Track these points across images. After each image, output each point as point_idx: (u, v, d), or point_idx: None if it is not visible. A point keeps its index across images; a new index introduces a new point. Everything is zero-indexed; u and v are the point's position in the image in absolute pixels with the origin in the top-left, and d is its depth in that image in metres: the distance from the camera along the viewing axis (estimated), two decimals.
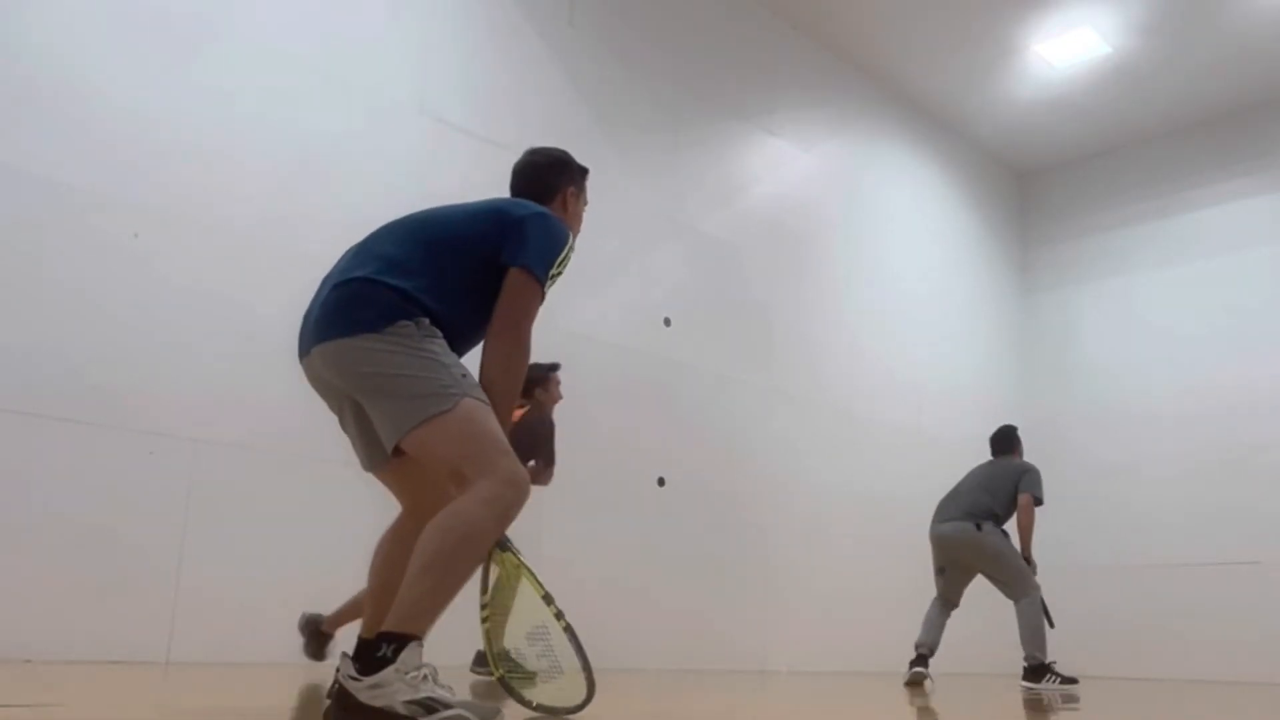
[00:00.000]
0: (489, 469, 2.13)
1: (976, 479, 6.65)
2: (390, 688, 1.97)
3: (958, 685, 6.34)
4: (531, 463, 5.13)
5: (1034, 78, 9.42)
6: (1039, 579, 6.60)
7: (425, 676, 2.00)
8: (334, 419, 2.46)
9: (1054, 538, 10.10)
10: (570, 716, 2.41)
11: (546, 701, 2.48)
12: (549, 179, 2.75)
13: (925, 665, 6.16)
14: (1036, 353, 10.74)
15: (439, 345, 2.23)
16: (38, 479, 4.59)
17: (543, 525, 6.28)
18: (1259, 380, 9.17)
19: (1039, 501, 6.54)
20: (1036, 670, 6.32)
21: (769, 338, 8.11)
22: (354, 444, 2.40)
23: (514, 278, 2.33)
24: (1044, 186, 11.13)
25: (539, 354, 2.83)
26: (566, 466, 6.48)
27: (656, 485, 7.03)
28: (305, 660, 4.60)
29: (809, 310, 8.54)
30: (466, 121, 6.34)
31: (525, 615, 2.45)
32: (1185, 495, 9.29)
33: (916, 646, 6.24)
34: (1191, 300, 9.75)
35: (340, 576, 5.16)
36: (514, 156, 2.96)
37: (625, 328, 7.03)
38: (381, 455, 2.32)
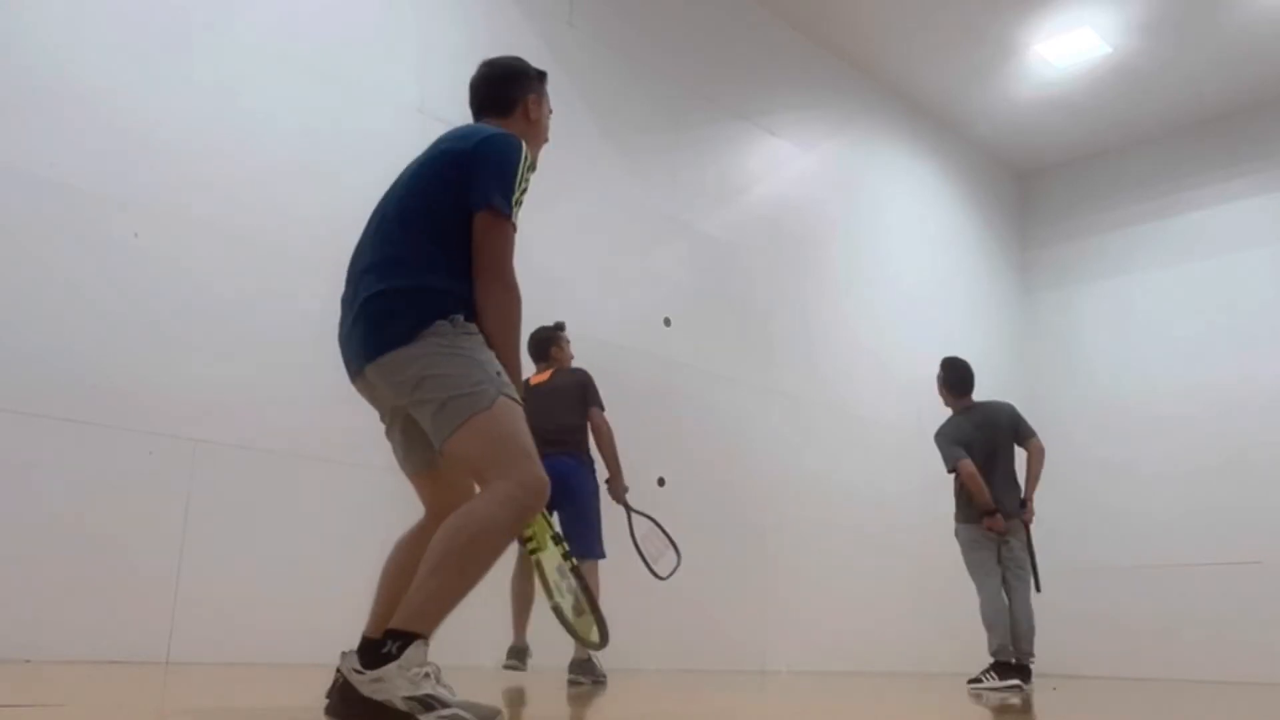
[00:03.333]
0: (508, 471, 2.14)
1: (994, 447, 6.25)
2: (391, 683, 1.98)
3: (954, 685, 6.33)
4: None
5: (1034, 78, 9.42)
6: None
7: (427, 675, 2.00)
8: (333, 417, 2.47)
9: (1054, 538, 10.11)
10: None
11: (583, 634, 2.56)
12: (508, 91, 2.67)
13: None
14: (1036, 353, 10.74)
15: (474, 341, 2.23)
16: (38, 479, 4.59)
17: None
18: (1259, 380, 9.17)
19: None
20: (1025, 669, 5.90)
21: (769, 338, 8.10)
22: (395, 449, 2.42)
23: (480, 221, 2.30)
24: (1044, 186, 11.13)
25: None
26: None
27: (656, 485, 7.02)
28: (305, 660, 4.60)
29: (809, 310, 8.53)
30: (465, 121, 6.32)
31: (552, 550, 2.51)
32: (1185, 495, 9.29)
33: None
34: (1191, 300, 9.75)
35: (340, 576, 5.16)
36: None
37: (625, 328, 7.03)
38: (422, 460, 2.35)
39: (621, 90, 7.38)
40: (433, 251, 2.29)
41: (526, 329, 3.00)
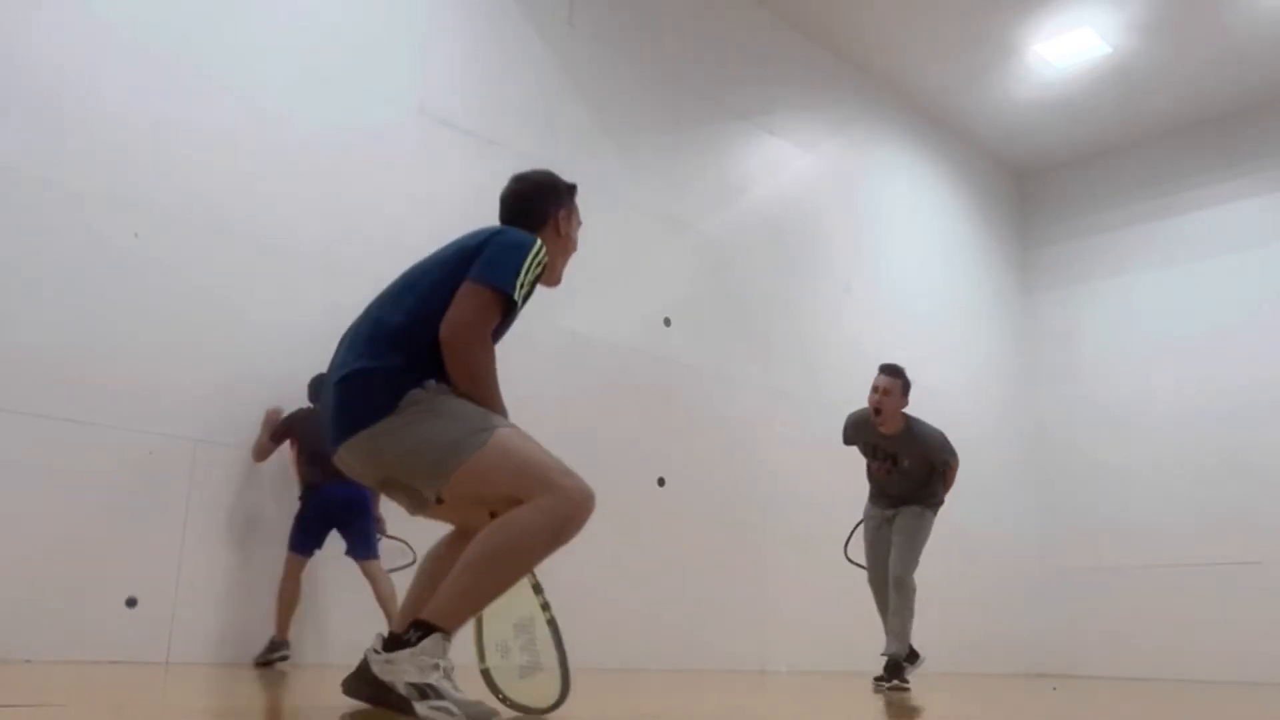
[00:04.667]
0: (547, 487, 2.17)
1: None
2: (400, 667, 2.04)
3: (953, 685, 6.34)
4: None
5: (1034, 78, 9.42)
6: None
7: (437, 666, 2.04)
8: None
9: (1054, 538, 10.13)
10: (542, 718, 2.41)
11: (521, 700, 2.49)
12: (538, 206, 2.66)
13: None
14: (1036, 352, 10.74)
15: (454, 399, 2.25)
16: (38, 479, 4.59)
17: None
18: (1259, 380, 9.17)
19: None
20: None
21: (769, 338, 8.10)
22: (400, 503, 2.45)
23: (467, 288, 2.31)
24: (1044, 186, 11.13)
25: (541, 352, 2.83)
26: (567, 465, 6.48)
27: (656, 485, 7.03)
28: (306, 661, 4.60)
29: (809, 310, 8.53)
30: (466, 121, 6.34)
31: (515, 604, 2.46)
32: (1186, 495, 9.29)
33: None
34: (1191, 300, 9.75)
35: (341, 577, 5.17)
36: (514, 156, 2.97)
37: (625, 328, 7.03)
38: (422, 502, 2.37)
39: (621, 90, 7.38)
40: (418, 335, 2.29)
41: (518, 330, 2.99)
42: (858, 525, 6.04)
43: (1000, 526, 9.86)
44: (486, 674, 2.48)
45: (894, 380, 5.64)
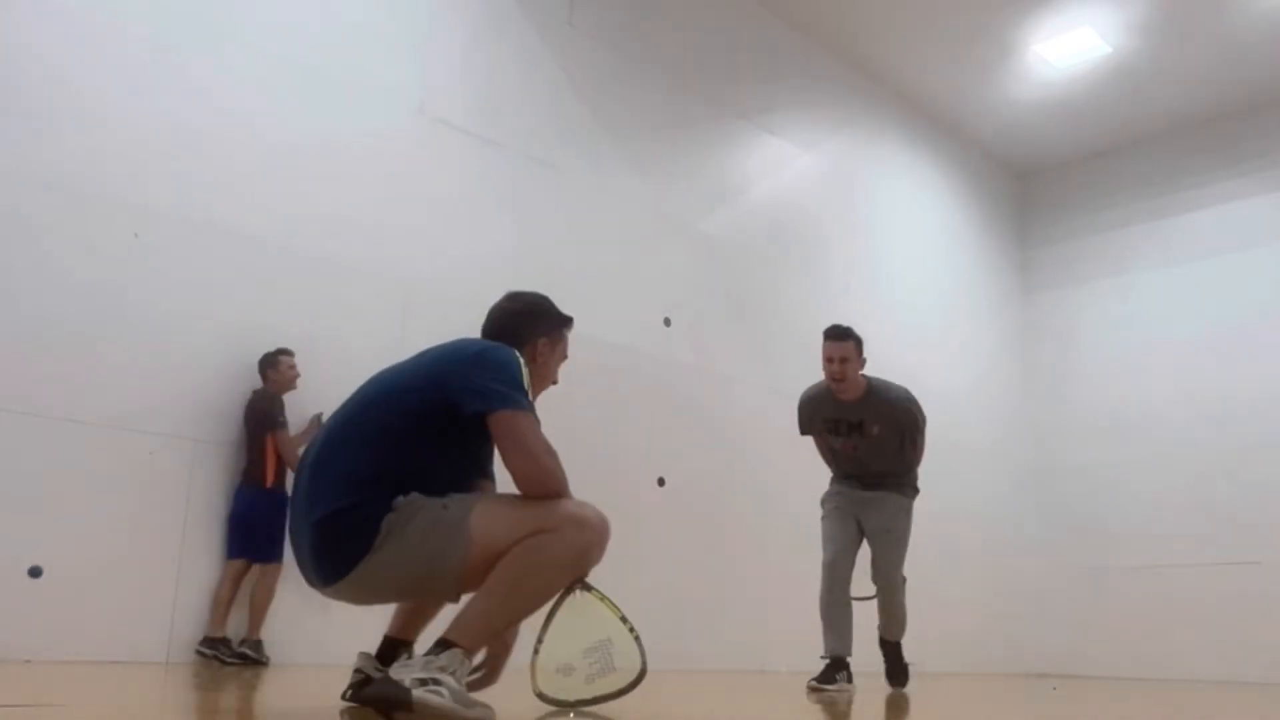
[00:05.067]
0: (559, 520, 2.18)
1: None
2: (414, 668, 2.06)
3: (953, 685, 6.34)
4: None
5: (1034, 78, 9.42)
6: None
7: (445, 669, 2.06)
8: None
9: (1054, 538, 10.13)
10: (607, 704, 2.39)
11: (597, 693, 2.45)
12: (518, 327, 2.55)
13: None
14: (1036, 352, 10.74)
15: (419, 506, 2.19)
16: (38, 479, 4.59)
17: None
18: (1259, 380, 9.17)
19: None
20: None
21: (769, 338, 8.10)
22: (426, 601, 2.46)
23: (499, 423, 2.23)
24: (1044, 186, 11.13)
25: None
26: (567, 466, 6.47)
27: (656, 485, 7.03)
28: (306, 660, 4.60)
29: (809, 310, 8.52)
30: (466, 121, 6.33)
31: (586, 628, 2.43)
32: (1185, 495, 9.29)
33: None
34: (1191, 300, 9.75)
35: None
36: (514, 156, 2.96)
37: (625, 328, 7.03)
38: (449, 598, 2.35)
39: (621, 90, 7.37)
40: (398, 467, 2.23)
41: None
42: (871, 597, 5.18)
43: (1000, 526, 9.86)
44: (543, 696, 2.44)
45: (846, 344, 4.95)
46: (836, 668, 4.83)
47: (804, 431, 5.28)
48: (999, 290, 10.79)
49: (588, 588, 2.40)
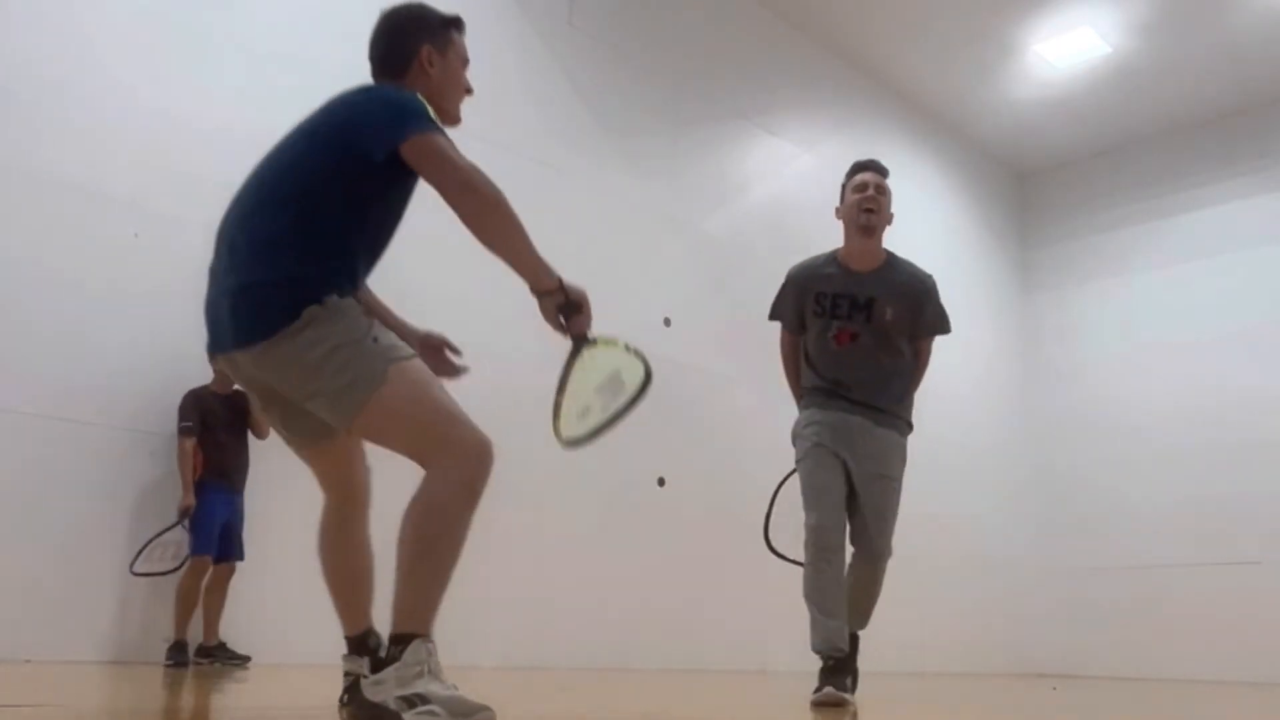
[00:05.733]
0: (441, 446, 2.08)
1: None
2: (387, 685, 1.99)
3: (953, 685, 6.34)
4: None
5: (1034, 78, 9.42)
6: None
7: (420, 673, 1.99)
8: None
9: (1054, 538, 10.12)
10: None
11: (606, 418, 2.30)
12: (396, 46, 2.40)
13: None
14: (1036, 352, 10.74)
15: (348, 319, 2.12)
16: (38, 479, 4.59)
17: (543, 524, 6.28)
18: (1259, 380, 9.17)
19: None
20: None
21: (769, 338, 8.08)
22: (274, 424, 2.33)
23: (412, 149, 2.15)
24: (1044, 186, 11.13)
25: (541, 352, 2.82)
26: (567, 466, 6.47)
27: (656, 485, 7.03)
28: (306, 660, 4.60)
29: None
30: (465, 121, 6.31)
31: (598, 372, 2.33)
32: (1186, 495, 9.29)
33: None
34: (1191, 300, 9.75)
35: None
36: (514, 156, 2.95)
37: (625, 328, 6.99)
38: (305, 430, 2.26)
39: (621, 90, 7.38)
40: (308, 230, 2.16)
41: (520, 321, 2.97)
42: (790, 475, 4.18)
43: (1000, 526, 9.86)
44: (572, 441, 2.32)
45: (885, 180, 4.06)
46: (842, 670, 3.69)
47: (780, 316, 4.27)
48: (999, 290, 10.79)
49: (592, 343, 2.33)
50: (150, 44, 5.20)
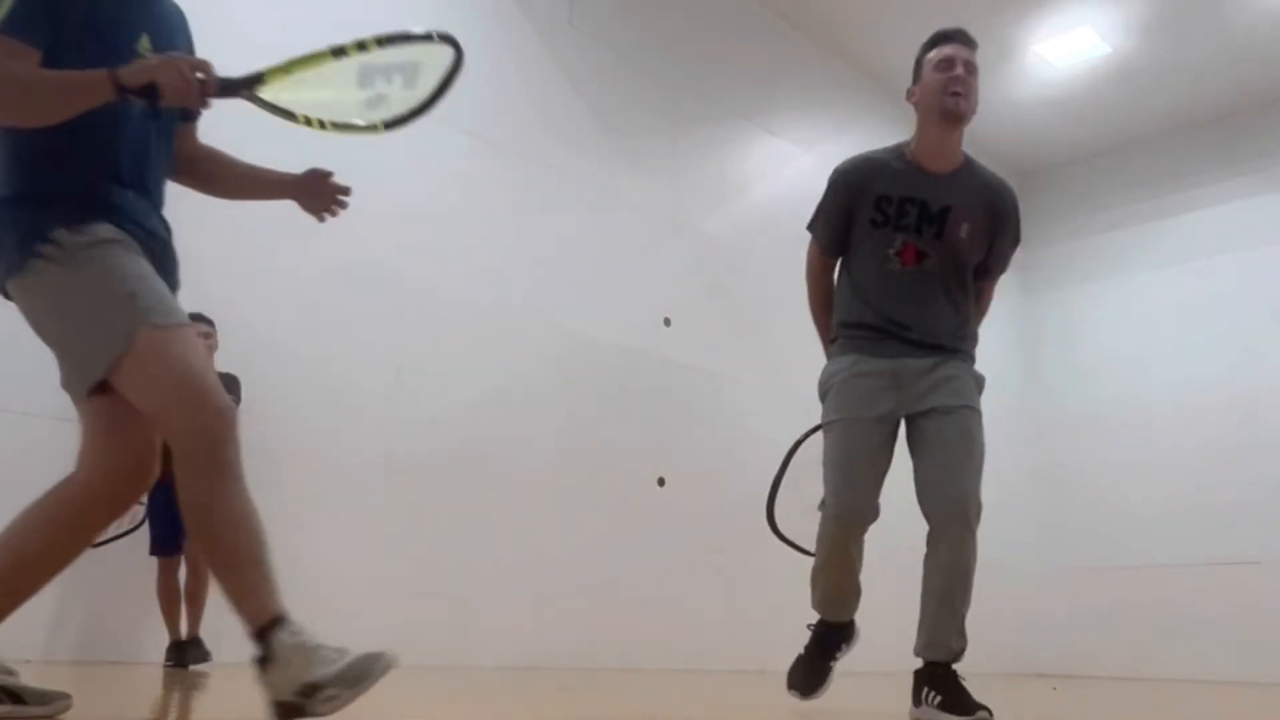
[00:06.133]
0: (174, 410, 1.93)
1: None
2: (276, 685, 1.87)
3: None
4: None
5: (1034, 78, 9.42)
6: None
7: (300, 644, 1.88)
8: (336, 418, 2.45)
9: (1055, 537, 10.13)
10: None
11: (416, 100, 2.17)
12: None
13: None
14: (1036, 353, 10.75)
15: (90, 262, 1.92)
16: (38, 479, 4.58)
17: (543, 524, 6.28)
18: (1259, 380, 9.17)
19: None
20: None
21: (769, 338, 8.10)
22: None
23: None
24: (1044, 186, 11.13)
25: (542, 352, 2.83)
26: (567, 466, 6.48)
27: (656, 485, 7.03)
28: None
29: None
30: (465, 121, 6.33)
31: (343, 70, 2.16)
32: (1186, 495, 9.29)
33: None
34: (1192, 300, 9.75)
35: (342, 574, 5.17)
36: (514, 156, 2.95)
37: (625, 328, 7.03)
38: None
39: (621, 90, 7.38)
40: (31, 136, 1.94)
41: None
42: (809, 434, 3.40)
43: (1000, 526, 9.85)
44: (392, 121, 2.18)
45: (975, 54, 3.23)
46: (842, 636, 3.36)
47: (821, 223, 3.38)
48: (999, 290, 10.75)
49: (257, 79, 2.15)
50: None
